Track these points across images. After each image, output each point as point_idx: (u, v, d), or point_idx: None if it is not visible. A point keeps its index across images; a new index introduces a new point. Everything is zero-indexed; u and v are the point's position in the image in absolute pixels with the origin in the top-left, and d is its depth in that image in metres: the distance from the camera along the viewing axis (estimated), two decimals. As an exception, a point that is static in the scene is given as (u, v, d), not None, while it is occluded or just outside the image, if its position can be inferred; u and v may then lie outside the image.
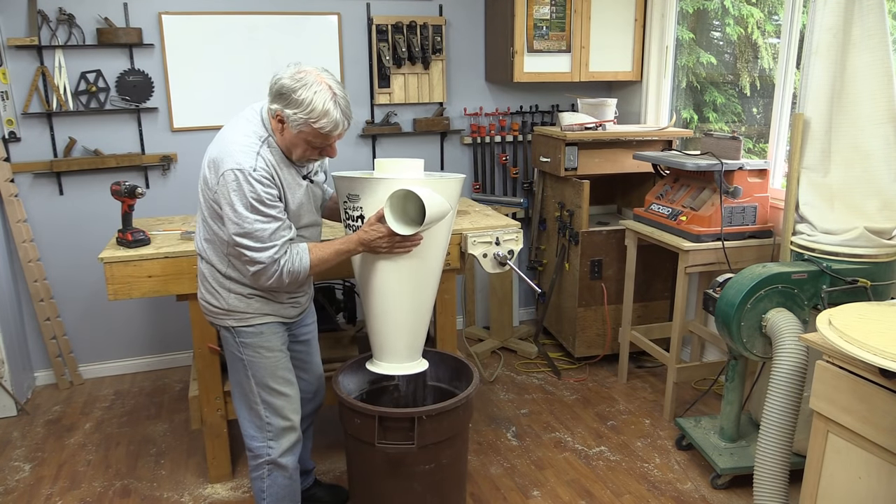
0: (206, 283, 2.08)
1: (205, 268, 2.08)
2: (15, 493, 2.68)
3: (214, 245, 2.02)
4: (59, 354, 3.59)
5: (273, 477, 2.15)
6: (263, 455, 2.13)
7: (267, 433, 2.13)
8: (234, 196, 1.84)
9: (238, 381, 2.13)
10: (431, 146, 4.05)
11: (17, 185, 3.39)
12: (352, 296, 3.28)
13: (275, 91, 1.86)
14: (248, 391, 2.11)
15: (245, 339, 2.08)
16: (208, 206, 1.96)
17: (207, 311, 2.12)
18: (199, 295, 2.15)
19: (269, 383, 2.10)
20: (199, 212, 2.05)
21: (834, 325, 1.74)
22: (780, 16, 3.23)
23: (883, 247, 2.41)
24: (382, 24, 3.75)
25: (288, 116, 1.85)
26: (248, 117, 1.96)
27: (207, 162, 1.94)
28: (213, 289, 2.06)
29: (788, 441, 2.23)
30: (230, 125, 1.97)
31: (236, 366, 2.12)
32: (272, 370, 2.11)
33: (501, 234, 2.70)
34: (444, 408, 2.14)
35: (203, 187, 1.96)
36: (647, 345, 3.34)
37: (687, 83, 3.86)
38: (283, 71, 1.87)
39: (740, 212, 2.94)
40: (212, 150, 1.94)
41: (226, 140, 1.91)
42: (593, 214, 3.99)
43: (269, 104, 1.89)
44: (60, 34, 3.30)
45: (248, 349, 2.08)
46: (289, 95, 1.83)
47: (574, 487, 2.67)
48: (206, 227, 2.02)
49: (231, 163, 1.84)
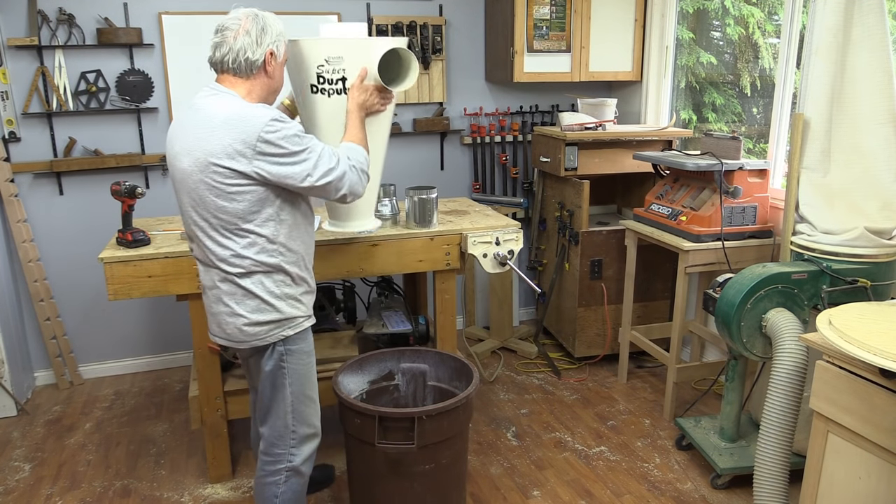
0: (253, 300, 1.88)
1: (250, 284, 1.86)
2: (15, 493, 2.68)
3: (255, 245, 1.83)
4: (59, 354, 3.59)
5: (290, 483, 2.08)
6: (284, 461, 2.06)
7: (291, 440, 2.06)
8: (284, 143, 1.75)
9: (271, 392, 2.01)
10: (431, 146, 4.05)
11: (17, 185, 3.39)
12: (352, 296, 3.28)
13: (256, 34, 1.80)
14: (280, 400, 2.01)
15: (292, 347, 1.98)
16: (228, 208, 1.78)
17: (251, 335, 1.91)
18: (229, 325, 1.91)
19: (305, 391, 2.04)
20: (204, 232, 1.84)
21: (834, 325, 1.74)
22: (780, 16, 3.23)
23: (883, 247, 2.41)
24: (382, 24, 3.75)
25: (277, 46, 1.84)
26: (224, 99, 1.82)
27: (213, 150, 1.74)
28: (264, 303, 1.89)
29: (788, 441, 2.23)
30: (210, 108, 1.80)
31: (275, 378, 1.99)
32: (309, 376, 2.06)
33: (501, 234, 2.71)
34: (444, 408, 2.14)
35: (210, 190, 1.77)
36: (647, 345, 3.34)
37: (686, 83, 3.86)
38: (232, 31, 1.81)
39: (740, 212, 2.94)
40: (217, 138, 1.74)
41: (228, 115, 1.75)
42: (593, 214, 3.99)
43: (253, 53, 1.81)
44: (60, 34, 3.30)
45: (292, 358, 1.99)
46: (264, 26, 1.82)
47: (574, 487, 2.67)
48: (226, 242, 1.83)
49: (259, 121, 1.73)
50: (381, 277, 3.27)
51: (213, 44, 1.85)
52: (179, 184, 1.86)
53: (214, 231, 1.84)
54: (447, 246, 2.71)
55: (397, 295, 3.28)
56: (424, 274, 3.39)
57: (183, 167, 1.81)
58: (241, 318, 1.90)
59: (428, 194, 2.68)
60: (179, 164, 1.83)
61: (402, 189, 3.83)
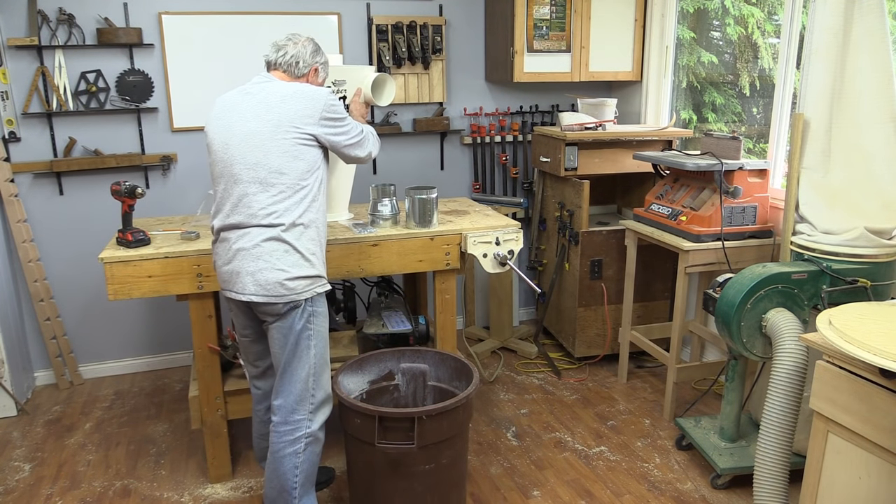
0: (293, 254, 2.10)
1: (290, 238, 2.09)
2: (15, 493, 2.68)
3: (304, 201, 2.11)
4: (59, 354, 3.59)
5: (309, 451, 2.20)
6: (303, 428, 2.18)
7: (310, 405, 2.19)
8: (339, 116, 2.17)
9: (295, 354, 2.15)
10: (431, 146, 4.05)
11: (17, 185, 3.39)
12: (352, 296, 3.28)
13: (311, 50, 2.23)
14: (304, 362, 2.16)
15: (318, 309, 2.17)
16: (285, 152, 2.07)
17: (291, 289, 2.10)
18: (269, 279, 2.09)
19: (324, 354, 2.21)
20: (264, 191, 2.08)
21: (834, 325, 1.74)
22: (779, 16, 3.23)
23: (883, 247, 2.41)
24: (382, 24, 3.75)
25: (322, 66, 2.28)
26: (276, 81, 2.18)
27: (289, 115, 2.07)
28: (304, 258, 2.11)
29: (788, 441, 2.23)
30: (277, 84, 2.15)
31: (301, 339, 2.15)
32: (327, 339, 2.23)
33: (501, 234, 2.71)
34: (444, 408, 2.14)
35: (289, 145, 2.07)
36: (647, 345, 3.34)
37: (687, 83, 3.86)
38: (293, 41, 2.23)
39: (740, 212, 2.94)
40: (292, 105, 2.09)
41: (298, 90, 2.13)
42: (593, 214, 3.99)
43: (304, 61, 2.21)
44: (60, 34, 3.30)
45: (317, 319, 2.17)
46: (318, 51, 2.27)
47: (574, 487, 2.67)
48: (272, 192, 2.07)
49: (325, 93, 2.14)
50: (381, 277, 3.27)
51: (276, 45, 2.22)
52: (236, 148, 2.09)
53: (271, 188, 2.08)
54: (447, 246, 2.71)
55: (397, 295, 3.28)
56: (424, 274, 3.39)
57: (249, 128, 2.08)
58: (282, 272, 2.08)
59: (428, 194, 2.68)
60: (243, 127, 2.09)
61: (402, 189, 3.84)
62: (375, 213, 2.74)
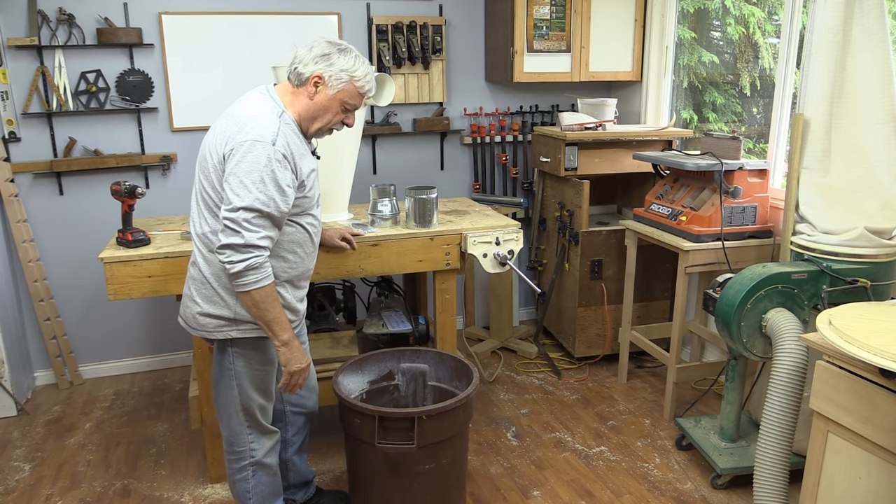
0: (207, 288, 1.92)
1: (205, 268, 1.91)
2: (15, 493, 2.68)
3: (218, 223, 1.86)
4: (59, 354, 3.59)
5: (258, 477, 2.12)
6: (247, 457, 2.09)
7: (249, 435, 2.08)
8: (246, 167, 1.77)
9: (223, 391, 2.04)
10: (431, 146, 4.05)
11: (17, 185, 3.39)
12: (352, 296, 3.28)
13: (316, 54, 1.88)
14: (231, 401, 2.04)
15: (242, 351, 1.98)
16: (213, 191, 1.86)
17: (199, 326, 1.94)
18: (188, 309, 1.95)
19: (253, 396, 2.04)
20: (197, 203, 1.92)
21: (834, 325, 1.74)
22: (780, 16, 3.23)
23: (883, 247, 2.41)
24: (382, 24, 3.75)
25: (330, 76, 1.88)
26: (257, 97, 1.91)
27: (216, 140, 1.85)
28: (215, 295, 1.91)
29: (788, 441, 2.23)
30: (241, 103, 1.91)
31: (224, 379, 2.02)
32: (261, 384, 2.05)
33: (501, 234, 2.71)
34: (444, 408, 2.14)
35: (206, 170, 1.86)
36: (647, 345, 3.34)
37: (688, 83, 3.86)
38: (308, 44, 1.90)
39: (740, 212, 2.94)
40: (223, 128, 1.86)
41: (241, 116, 1.85)
42: (593, 214, 3.99)
43: (304, 67, 1.88)
44: (60, 34, 3.30)
45: (240, 360, 1.99)
46: (332, 55, 1.88)
47: (574, 487, 2.67)
48: (207, 218, 1.89)
49: (252, 134, 1.79)
50: (381, 277, 3.27)
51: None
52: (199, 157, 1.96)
53: (202, 201, 1.91)
54: (447, 246, 2.71)
55: (397, 295, 3.28)
56: (424, 274, 3.39)
57: (205, 139, 1.93)
58: (196, 305, 1.95)
59: (428, 194, 2.68)
60: (207, 135, 1.94)
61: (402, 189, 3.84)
62: (375, 213, 2.74)
